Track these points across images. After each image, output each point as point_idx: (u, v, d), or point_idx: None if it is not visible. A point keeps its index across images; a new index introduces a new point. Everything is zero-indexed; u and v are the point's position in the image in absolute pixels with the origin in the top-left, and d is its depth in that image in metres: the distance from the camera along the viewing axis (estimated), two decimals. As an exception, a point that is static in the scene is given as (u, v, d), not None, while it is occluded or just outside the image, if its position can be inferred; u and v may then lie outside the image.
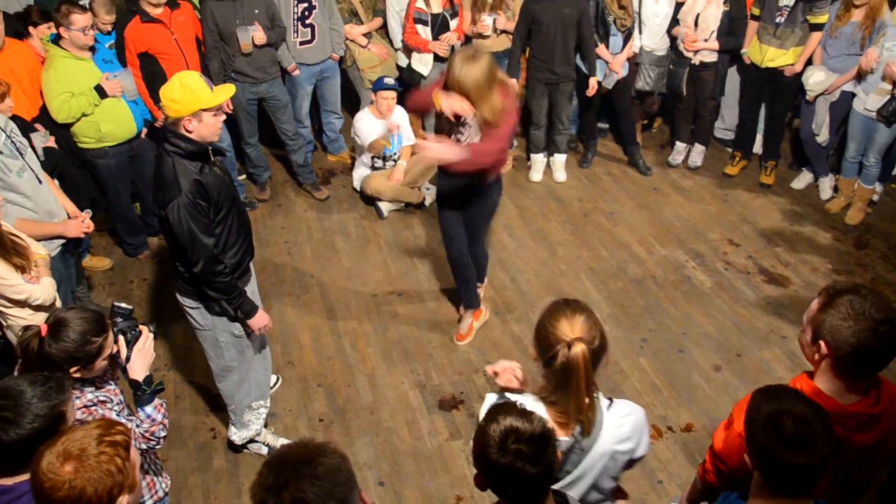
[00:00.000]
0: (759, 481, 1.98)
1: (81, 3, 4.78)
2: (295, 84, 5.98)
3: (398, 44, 6.21)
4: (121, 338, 2.69)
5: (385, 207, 6.00)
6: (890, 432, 2.25)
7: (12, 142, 3.86)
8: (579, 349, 2.09)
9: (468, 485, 3.86)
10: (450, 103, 3.75)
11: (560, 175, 6.44)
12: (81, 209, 4.33)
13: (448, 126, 4.02)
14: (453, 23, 5.92)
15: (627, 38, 5.96)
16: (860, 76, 5.38)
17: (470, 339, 4.76)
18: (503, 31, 5.96)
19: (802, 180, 6.23)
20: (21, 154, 3.89)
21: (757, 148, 6.50)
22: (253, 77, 5.56)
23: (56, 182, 4.48)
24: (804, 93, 5.68)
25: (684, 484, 3.71)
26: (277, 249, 5.69)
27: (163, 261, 5.48)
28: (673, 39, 6.03)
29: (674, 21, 5.94)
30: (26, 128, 4.31)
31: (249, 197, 6.20)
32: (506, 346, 4.71)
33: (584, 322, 2.15)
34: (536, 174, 6.45)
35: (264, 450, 4.04)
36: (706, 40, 5.83)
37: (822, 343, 2.15)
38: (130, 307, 2.79)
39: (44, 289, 3.54)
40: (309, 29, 5.80)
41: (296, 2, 5.68)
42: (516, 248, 5.62)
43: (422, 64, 6.06)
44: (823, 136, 5.73)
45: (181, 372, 4.60)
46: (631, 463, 2.32)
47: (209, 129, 3.20)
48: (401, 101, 5.81)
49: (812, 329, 2.19)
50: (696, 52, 5.91)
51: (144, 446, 2.71)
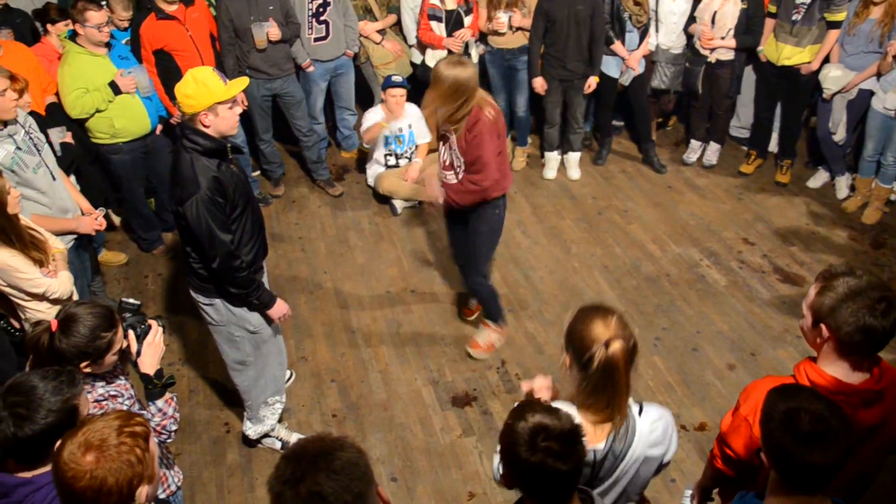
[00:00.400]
0: (776, 480, 1.97)
1: (98, 0, 4.80)
2: (309, 80, 5.99)
3: (412, 40, 6.21)
4: (130, 332, 2.70)
5: (399, 204, 6.01)
6: (893, 409, 2.27)
7: (30, 138, 3.89)
8: (618, 346, 2.09)
9: (481, 481, 3.86)
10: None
11: (574, 172, 6.43)
12: (96, 206, 4.35)
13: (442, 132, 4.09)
14: (468, 19, 5.91)
15: (643, 35, 5.93)
16: (880, 74, 5.34)
17: (485, 353, 4.63)
18: (519, 28, 5.94)
19: (818, 179, 6.18)
20: (38, 150, 3.92)
21: (772, 146, 6.45)
22: (267, 73, 5.57)
23: (73, 178, 4.51)
24: (821, 91, 5.64)
25: (694, 481, 3.69)
26: (291, 245, 5.70)
27: (177, 256, 5.51)
28: (689, 37, 5.99)
29: (690, 19, 5.91)
30: (44, 123, 4.34)
31: (263, 193, 6.22)
32: (519, 343, 4.71)
33: (618, 321, 2.15)
34: (550, 171, 6.44)
35: (278, 444, 4.06)
36: (723, 38, 5.78)
37: (823, 326, 2.19)
38: (138, 303, 2.80)
39: (61, 283, 3.57)
40: (323, 25, 5.81)
41: (311, -2, 5.70)
42: (530, 246, 5.61)
43: (436, 61, 6.04)
44: (840, 135, 5.68)
45: (195, 366, 4.62)
46: (660, 468, 2.32)
47: (226, 124, 3.19)
48: (415, 99, 5.81)
49: (812, 314, 2.23)
50: (713, 50, 5.87)
51: (155, 440, 2.72)
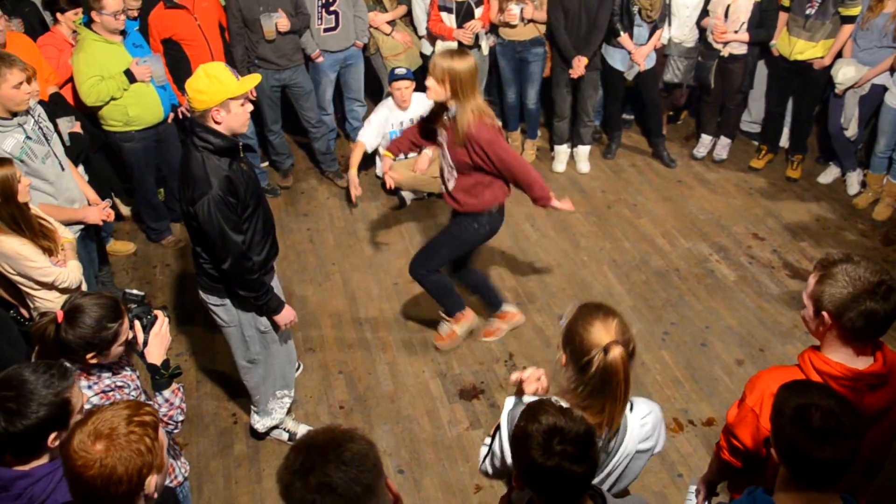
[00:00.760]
0: (786, 476, 1.97)
1: None
2: (318, 71, 5.97)
3: (422, 32, 6.19)
4: (137, 323, 2.69)
5: (407, 196, 6.00)
6: None
7: (40, 127, 3.89)
8: (618, 353, 2.05)
9: (488, 474, 3.86)
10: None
11: (584, 166, 6.40)
12: (103, 196, 4.35)
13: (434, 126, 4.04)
14: (478, 11, 5.88)
15: (653, 31, 5.89)
16: (893, 69, 5.29)
17: (495, 338, 4.68)
18: (530, 20, 5.91)
19: (829, 175, 6.15)
20: (47, 140, 3.92)
21: (783, 141, 6.42)
22: (276, 64, 5.56)
23: (81, 168, 4.51)
24: (833, 86, 5.59)
25: (699, 475, 3.69)
26: (300, 237, 5.70)
27: (186, 246, 5.51)
28: (702, 31, 5.95)
29: (703, 12, 5.87)
30: (52, 112, 4.34)
31: (272, 184, 6.22)
32: (527, 337, 4.70)
33: (619, 325, 2.12)
34: (560, 165, 6.42)
35: (285, 436, 4.06)
36: (736, 32, 5.74)
37: (825, 314, 2.18)
38: (143, 294, 2.80)
39: (70, 272, 3.58)
40: (333, 16, 5.78)
41: (320, -12, 5.68)
42: (538, 239, 5.59)
43: (446, 52, 6.03)
44: (853, 131, 5.64)
45: (203, 357, 4.63)
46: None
47: (237, 120, 3.15)
48: (424, 90, 5.78)
49: (813, 303, 2.23)
50: (726, 44, 5.82)
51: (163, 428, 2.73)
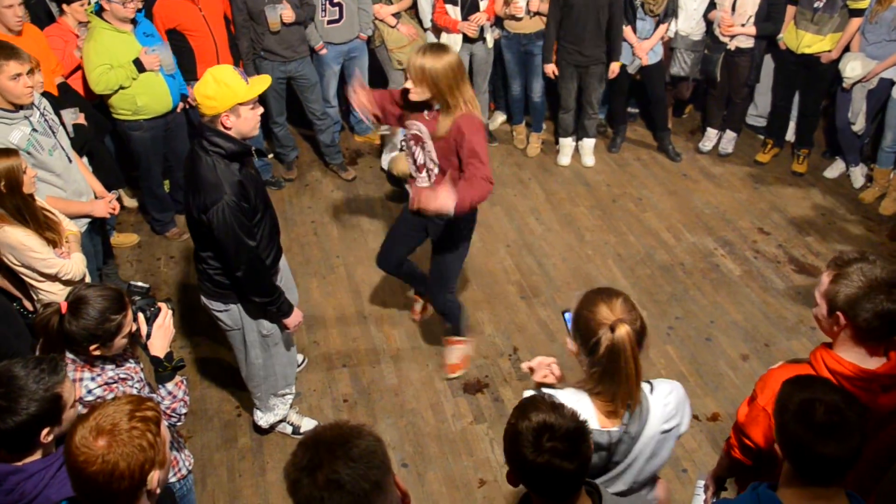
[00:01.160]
0: (790, 471, 1.96)
1: None
2: (322, 63, 5.95)
3: (427, 24, 6.15)
4: (140, 315, 2.68)
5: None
6: None
7: (45, 120, 3.89)
8: (623, 330, 2.05)
9: (491, 468, 3.85)
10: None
11: (588, 159, 6.38)
12: (108, 188, 4.35)
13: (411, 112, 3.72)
14: (483, 3, 5.84)
15: (658, 25, 5.86)
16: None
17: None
18: (536, 13, 5.88)
19: (835, 169, 6.12)
20: (53, 132, 3.92)
21: (789, 135, 6.39)
22: (282, 56, 5.54)
23: (84, 160, 4.50)
24: (840, 80, 5.56)
25: (708, 471, 3.68)
26: (304, 229, 5.69)
27: (190, 239, 5.49)
28: (709, 24, 5.92)
29: (710, 5, 5.83)
30: (57, 104, 4.33)
31: (276, 176, 6.21)
32: (531, 331, 4.69)
33: (623, 304, 2.12)
34: (565, 158, 6.40)
35: (289, 429, 4.06)
36: (743, 25, 5.72)
37: (839, 314, 2.18)
38: (147, 286, 2.79)
39: (74, 264, 3.58)
40: (337, 8, 5.75)
41: (324, -20, 5.65)
42: (543, 233, 5.58)
43: (451, 45, 6.00)
44: (860, 125, 5.61)
45: (207, 350, 4.62)
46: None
47: (248, 124, 3.10)
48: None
49: (826, 302, 2.22)
50: (733, 38, 5.80)
51: (165, 423, 2.72)
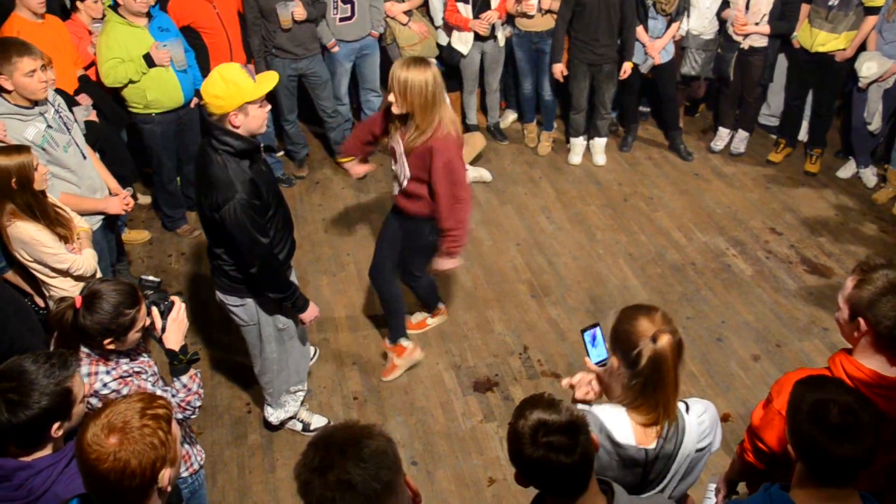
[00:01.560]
0: (803, 472, 1.95)
1: None
2: (334, 61, 5.95)
3: (439, 21, 6.15)
4: (154, 309, 2.70)
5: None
6: None
7: (60, 116, 3.91)
8: (666, 339, 2.08)
9: (501, 467, 3.85)
10: None
11: (600, 158, 6.36)
12: (122, 180, 4.37)
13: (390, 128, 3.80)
14: (495, 1, 5.83)
15: (670, 24, 5.83)
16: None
17: (394, 377, 4.36)
18: (548, 11, 5.87)
19: (848, 169, 6.08)
20: (68, 129, 3.94)
21: (802, 135, 6.36)
22: (293, 53, 5.55)
23: (97, 156, 4.52)
24: (856, 79, 5.52)
25: (719, 473, 3.67)
26: (314, 227, 5.70)
27: (202, 235, 5.51)
28: (722, 23, 5.89)
29: (723, 4, 5.80)
30: (70, 102, 4.35)
31: (287, 174, 6.22)
32: (542, 330, 4.68)
33: (663, 317, 2.14)
34: (576, 157, 6.39)
35: (299, 426, 4.07)
36: (757, 24, 5.68)
37: (861, 320, 2.16)
38: (158, 280, 2.81)
39: (86, 259, 3.59)
40: (349, 5, 5.74)
41: (336, -22, 5.65)
42: (554, 231, 5.57)
43: (462, 43, 6.00)
44: (876, 125, 5.57)
45: (217, 346, 4.64)
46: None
47: (256, 122, 3.11)
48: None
49: (849, 307, 2.20)
50: (746, 37, 5.76)
51: (180, 416, 2.75)
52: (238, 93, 3.01)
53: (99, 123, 4.70)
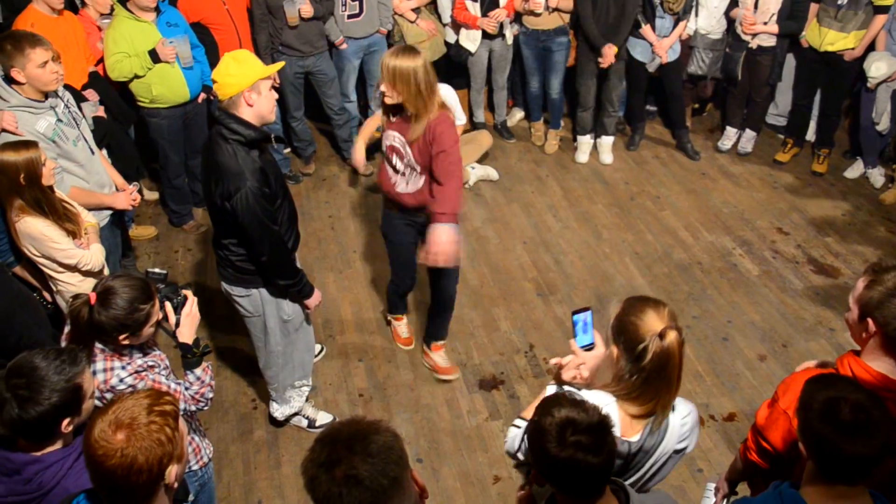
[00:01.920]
0: (814, 469, 1.95)
1: None
2: (342, 58, 5.95)
3: (447, 19, 6.14)
4: (167, 304, 2.73)
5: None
6: None
7: (69, 111, 3.92)
8: (673, 336, 2.07)
9: (506, 465, 3.85)
10: None
11: (606, 157, 6.36)
12: (128, 176, 4.38)
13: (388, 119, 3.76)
14: (503, -1, 5.84)
15: (677, 23, 5.82)
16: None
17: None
18: (555, 9, 5.86)
19: (856, 169, 6.06)
20: (76, 124, 3.95)
21: (810, 135, 6.33)
22: (300, 51, 5.55)
23: (104, 152, 4.54)
24: (864, 79, 5.50)
25: (716, 477, 3.67)
26: (321, 224, 5.70)
27: (207, 231, 5.52)
28: (730, 22, 5.87)
29: (732, 3, 5.78)
30: (78, 98, 4.36)
31: (294, 171, 6.23)
32: (548, 328, 4.68)
33: (670, 312, 2.13)
34: (583, 155, 6.38)
35: (304, 423, 4.08)
36: (766, 23, 5.66)
37: (870, 321, 2.16)
38: (165, 272, 2.84)
39: (93, 255, 3.60)
40: (357, 2, 5.74)
41: (344, -25, 5.65)
42: (560, 230, 5.56)
43: (470, 40, 5.99)
44: (884, 125, 5.55)
45: (223, 343, 4.63)
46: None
47: (268, 105, 3.15)
48: (447, 79, 5.75)
49: (859, 307, 2.20)
50: (755, 36, 5.75)
51: (194, 408, 2.78)
52: (250, 70, 3.06)
53: (106, 119, 4.71)
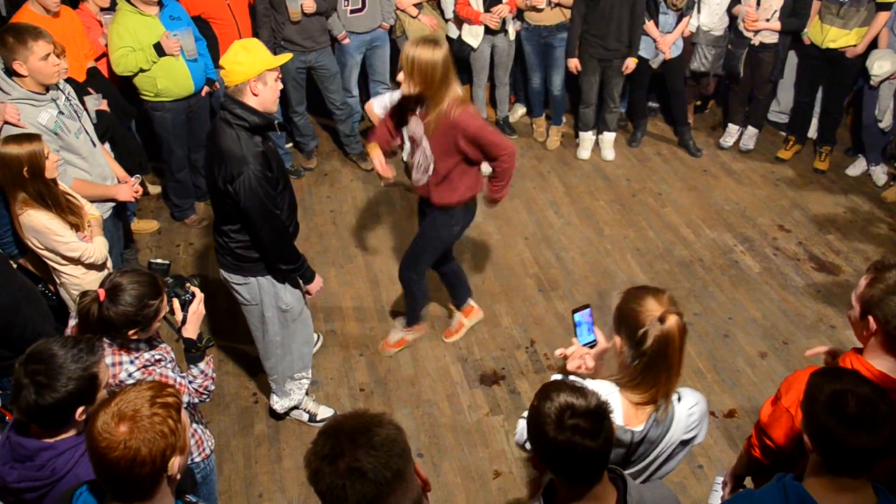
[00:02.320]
0: (817, 462, 1.95)
1: None
2: (344, 53, 5.95)
3: (449, 14, 6.14)
4: (176, 301, 2.75)
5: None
6: None
7: (71, 104, 3.93)
8: (674, 320, 2.09)
9: (507, 460, 3.86)
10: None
11: (608, 153, 6.36)
12: (132, 173, 4.38)
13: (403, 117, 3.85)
14: (505, -5, 5.83)
15: (680, 19, 5.81)
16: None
17: (457, 338, 4.56)
18: (557, 5, 5.86)
19: (858, 167, 6.06)
20: (78, 116, 3.96)
21: (812, 132, 6.33)
22: (302, 46, 5.54)
23: (107, 146, 4.54)
24: (867, 77, 5.49)
25: (725, 470, 3.68)
26: (322, 218, 5.71)
27: (209, 225, 5.52)
28: (733, 19, 5.87)
29: (734, 0, 5.78)
30: (80, 91, 4.36)
31: (296, 166, 6.22)
32: (549, 324, 4.69)
33: (669, 298, 2.16)
34: (585, 152, 6.38)
35: (305, 417, 4.08)
36: (768, 20, 5.66)
37: (871, 319, 2.16)
38: (168, 262, 2.88)
39: (97, 247, 3.61)
40: (360, -3, 5.76)
41: (347, -30, 5.64)
42: (562, 226, 5.56)
43: (472, 36, 5.99)
44: (887, 122, 5.55)
45: (224, 337, 4.63)
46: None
47: (273, 94, 3.18)
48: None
49: (861, 305, 2.21)
50: (757, 33, 5.74)
51: (197, 400, 2.82)
52: (258, 59, 3.09)
53: (109, 113, 4.71)
